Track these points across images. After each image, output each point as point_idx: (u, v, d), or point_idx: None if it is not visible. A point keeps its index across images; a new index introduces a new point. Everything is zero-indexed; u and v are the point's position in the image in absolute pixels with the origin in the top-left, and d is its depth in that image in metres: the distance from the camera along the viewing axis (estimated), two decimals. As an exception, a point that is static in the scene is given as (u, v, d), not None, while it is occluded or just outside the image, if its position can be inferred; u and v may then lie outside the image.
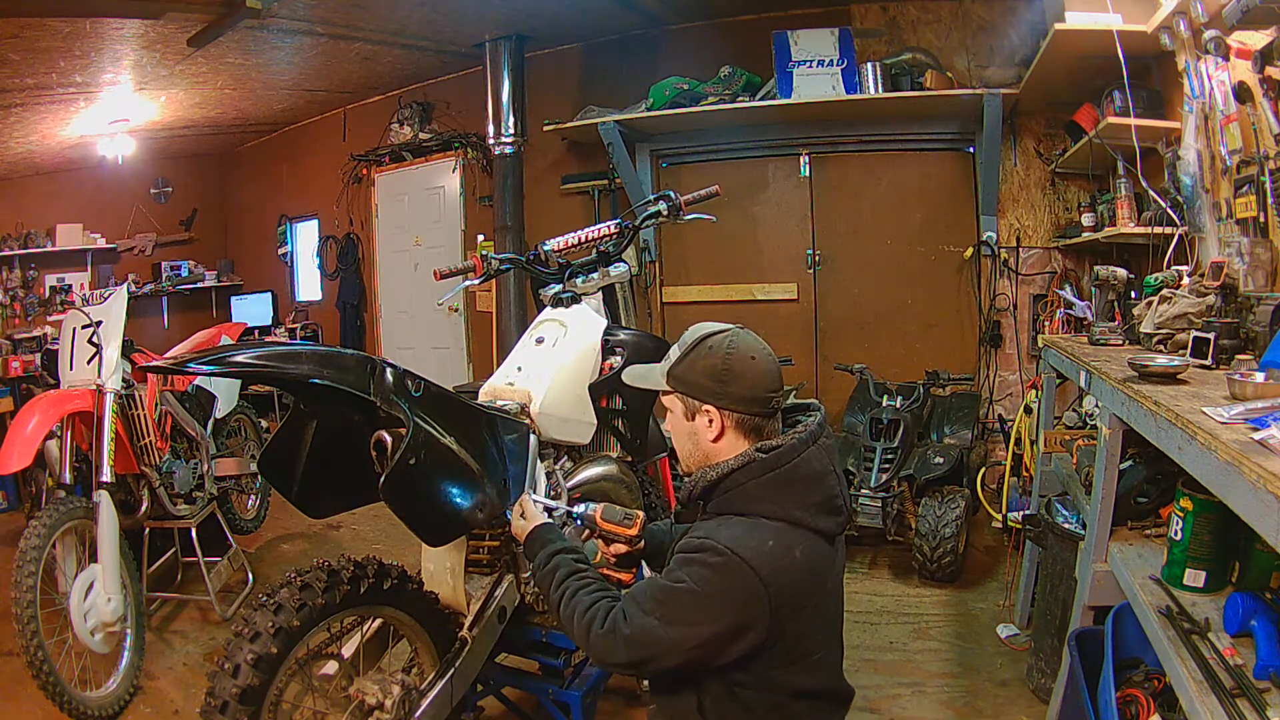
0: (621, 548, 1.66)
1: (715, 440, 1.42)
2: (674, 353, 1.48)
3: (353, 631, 1.76)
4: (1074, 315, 3.68)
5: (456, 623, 1.87)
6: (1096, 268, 2.73)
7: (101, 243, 6.85)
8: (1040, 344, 3.29)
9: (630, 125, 4.71)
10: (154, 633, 3.04)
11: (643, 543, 1.67)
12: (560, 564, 1.49)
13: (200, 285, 7.42)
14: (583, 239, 2.52)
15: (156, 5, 3.74)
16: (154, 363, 1.55)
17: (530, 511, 1.66)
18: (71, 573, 2.55)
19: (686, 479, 1.48)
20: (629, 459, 2.40)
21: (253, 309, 7.31)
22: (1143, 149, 2.91)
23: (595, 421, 2.20)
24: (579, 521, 1.70)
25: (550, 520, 1.68)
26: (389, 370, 1.58)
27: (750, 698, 1.35)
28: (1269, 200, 2.15)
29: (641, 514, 1.66)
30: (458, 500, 1.69)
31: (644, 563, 1.75)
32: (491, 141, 5.13)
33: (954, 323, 4.61)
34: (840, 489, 1.43)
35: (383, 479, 1.51)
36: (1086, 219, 3.86)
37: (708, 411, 1.42)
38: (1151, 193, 2.98)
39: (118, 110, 5.40)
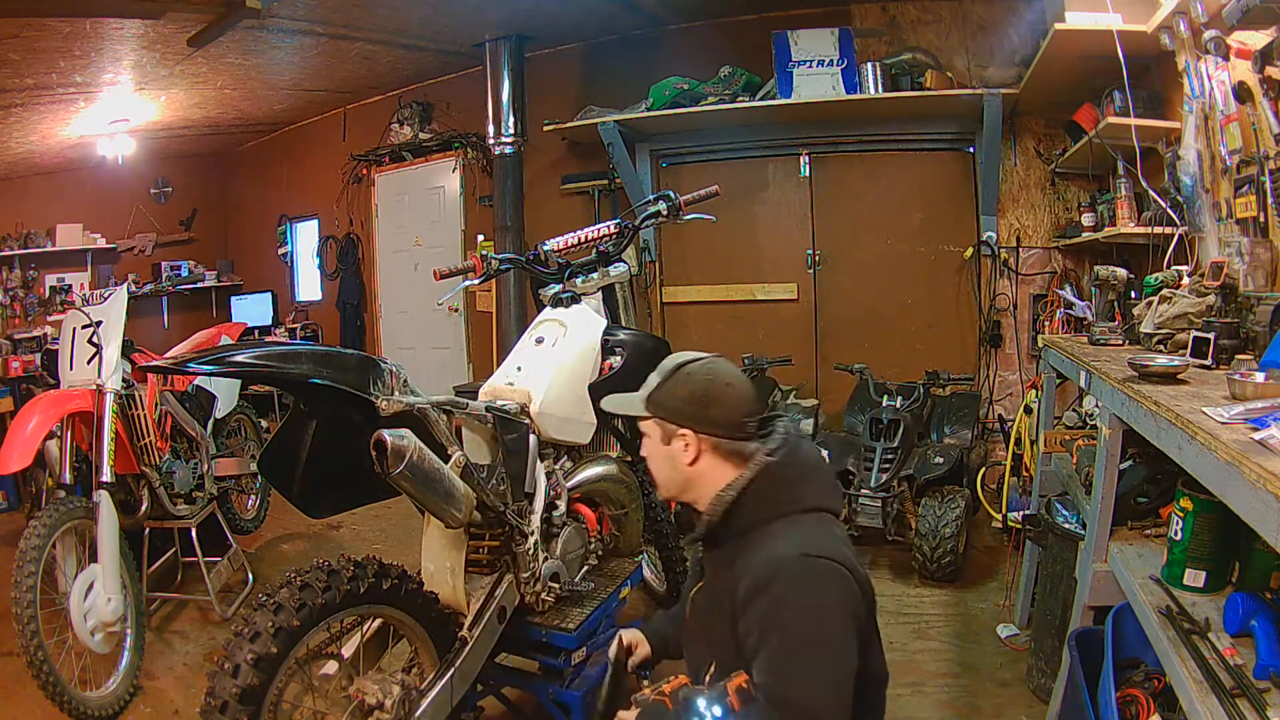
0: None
1: (691, 464, 1.45)
2: (652, 380, 1.51)
3: (353, 631, 1.76)
4: (1074, 315, 3.68)
5: (456, 623, 1.87)
6: (1096, 268, 2.73)
7: (101, 243, 6.85)
8: (1040, 344, 3.29)
9: (630, 125, 4.71)
10: (154, 633, 3.04)
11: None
12: None
13: (200, 285, 7.41)
14: (583, 239, 2.52)
15: (156, 5, 3.73)
16: (154, 363, 1.56)
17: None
18: (71, 573, 2.55)
19: (703, 515, 1.47)
20: (629, 459, 2.40)
21: (253, 309, 7.30)
22: (1143, 149, 2.91)
23: (595, 421, 2.20)
24: None
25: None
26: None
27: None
28: (1269, 200, 2.15)
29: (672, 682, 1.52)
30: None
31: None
32: (491, 141, 5.12)
33: (954, 323, 4.61)
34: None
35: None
36: (1086, 219, 3.86)
37: (684, 435, 1.45)
38: (1151, 193, 2.98)
39: (118, 110, 5.40)
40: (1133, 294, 2.60)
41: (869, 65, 4.23)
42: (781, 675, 1.26)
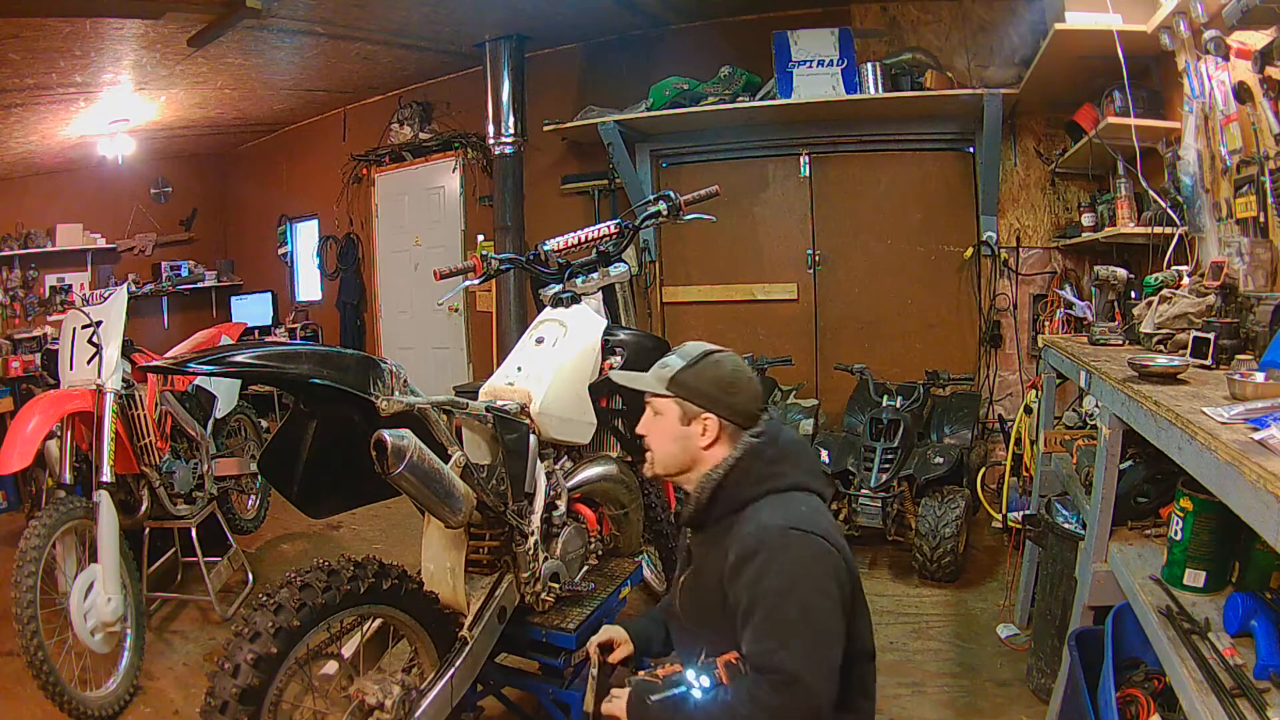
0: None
1: (707, 447, 1.52)
2: (674, 360, 1.56)
3: (353, 631, 1.77)
4: (1074, 315, 3.68)
5: (456, 623, 1.87)
6: (1096, 268, 2.73)
7: (101, 243, 6.84)
8: (1040, 344, 3.29)
9: (630, 125, 4.71)
10: (154, 633, 3.04)
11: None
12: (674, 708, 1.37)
13: (200, 285, 7.41)
14: (583, 239, 2.52)
15: (156, 5, 3.73)
16: (154, 363, 1.56)
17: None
18: (71, 573, 2.55)
19: (691, 496, 1.53)
20: (629, 459, 2.40)
21: (253, 309, 7.30)
22: (1143, 149, 2.91)
23: (595, 421, 2.20)
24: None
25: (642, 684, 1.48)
26: None
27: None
28: (1269, 200, 2.15)
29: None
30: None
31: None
32: (491, 141, 5.12)
33: (954, 323, 4.61)
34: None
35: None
36: (1086, 219, 3.85)
37: (706, 419, 1.51)
38: (1151, 193, 2.98)
39: (118, 110, 5.40)
40: (1133, 294, 2.60)
41: (869, 65, 4.23)
42: (767, 643, 1.30)
